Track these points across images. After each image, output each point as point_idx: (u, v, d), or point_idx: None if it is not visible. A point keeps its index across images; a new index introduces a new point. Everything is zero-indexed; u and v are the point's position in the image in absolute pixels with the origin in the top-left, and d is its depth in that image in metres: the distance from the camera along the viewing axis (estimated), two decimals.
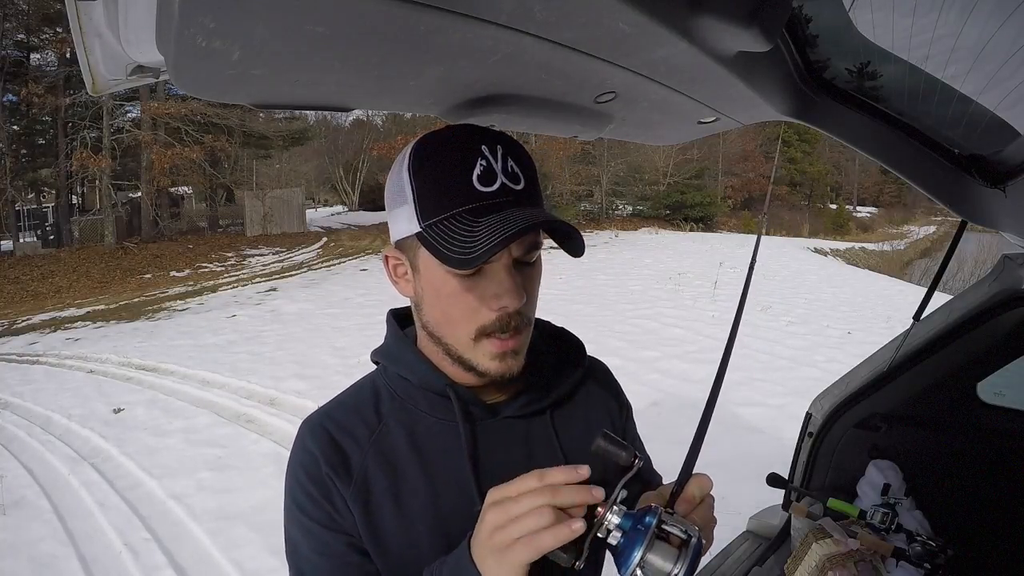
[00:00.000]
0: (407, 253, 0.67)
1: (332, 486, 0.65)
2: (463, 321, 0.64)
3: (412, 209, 0.62)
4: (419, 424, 0.69)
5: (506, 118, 0.78)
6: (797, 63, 0.97)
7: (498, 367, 0.65)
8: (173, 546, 3.21)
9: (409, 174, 0.63)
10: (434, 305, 0.65)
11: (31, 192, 19.68)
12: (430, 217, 0.61)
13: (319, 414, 0.71)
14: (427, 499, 0.67)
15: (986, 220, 1.24)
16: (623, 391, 0.85)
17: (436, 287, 0.64)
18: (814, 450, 1.92)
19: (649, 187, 25.09)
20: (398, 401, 0.71)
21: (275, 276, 13.36)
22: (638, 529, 0.53)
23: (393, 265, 0.69)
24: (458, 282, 0.62)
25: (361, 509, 0.65)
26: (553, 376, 0.75)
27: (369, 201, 32.14)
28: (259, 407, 5.22)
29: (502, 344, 0.64)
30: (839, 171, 39.49)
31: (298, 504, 0.67)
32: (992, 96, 0.83)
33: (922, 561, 1.37)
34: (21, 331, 9.66)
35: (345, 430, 0.68)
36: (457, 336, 0.65)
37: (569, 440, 0.74)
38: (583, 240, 0.64)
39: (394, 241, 0.68)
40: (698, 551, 0.54)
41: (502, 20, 0.50)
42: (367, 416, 0.70)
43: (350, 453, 0.67)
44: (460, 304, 0.63)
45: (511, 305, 0.62)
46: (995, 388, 1.76)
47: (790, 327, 7.63)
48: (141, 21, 0.55)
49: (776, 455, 3.36)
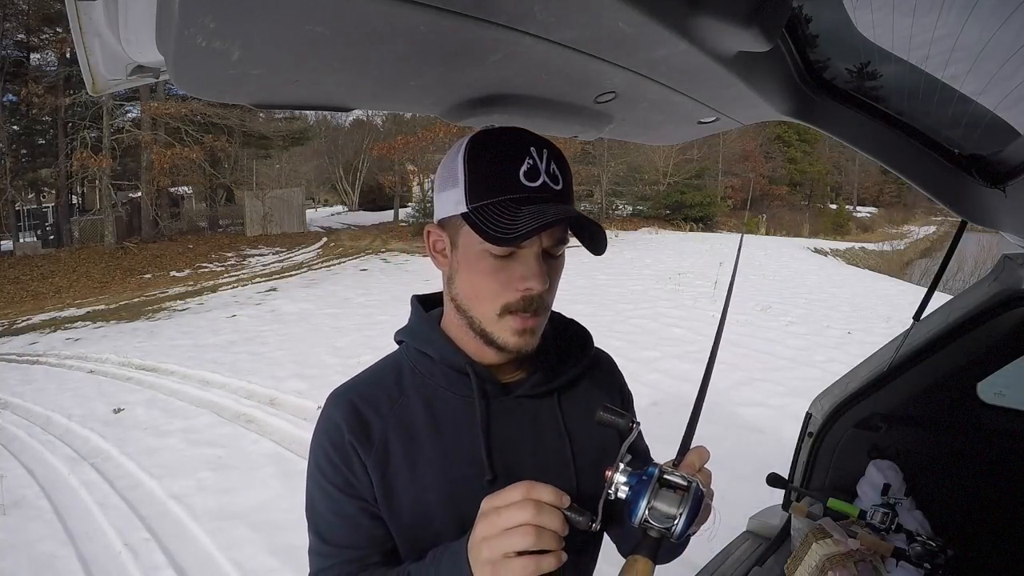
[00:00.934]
0: (448, 231, 0.73)
1: (353, 453, 0.72)
2: (491, 297, 0.70)
3: (462, 192, 0.69)
4: (437, 398, 0.76)
5: (506, 118, 0.78)
6: (797, 63, 0.96)
7: (516, 342, 0.71)
8: (173, 546, 3.21)
9: (463, 162, 0.69)
10: (467, 279, 0.72)
11: (31, 192, 19.68)
12: (477, 200, 0.68)
13: (345, 387, 0.78)
14: (440, 467, 0.73)
15: (986, 220, 1.24)
16: (626, 382, 0.92)
17: (472, 263, 0.70)
18: (814, 450, 1.92)
19: (649, 187, 25.08)
20: (419, 376, 0.77)
21: (275, 276, 13.36)
22: (643, 481, 0.59)
23: (433, 241, 0.76)
24: (492, 261, 0.69)
25: (380, 474, 0.72)
26: (561, 361, 0.81)
27: (369, 201, 32.13)
28: (259, 407, 5.22)
29: (523, 322, 0.71)
30: (839, 171, 39.46)
31: (320, 468, 0.74)
32: (992, 96, 0.83)
33: (922, 561, 1.37)
34: (21, 331, 9.66)
35: (368, 401, 0.75)
36: (483, 310, 0.71)
37: (573, 421, 0.80)
38: (607, 240, 0.71)
39: (437, 219, 0.75)
40: (698, 496, 0.59)
41: (502, 20, 0.50)
42: (389, 389, 0.77)
43: (372, 422, 0.74)
44: (491, 281, 0.70)
45: (536, 288, 0.69)
46: (995, 388, 1.76)
47: (790, 327, 7.63)
48: (141, 21, 0.55)
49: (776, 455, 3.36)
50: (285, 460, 4.14)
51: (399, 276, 12.50)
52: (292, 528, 3.26)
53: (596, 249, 0.72)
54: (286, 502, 3.57)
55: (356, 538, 0.73)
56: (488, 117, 0.76)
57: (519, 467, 0.75)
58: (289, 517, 3.37)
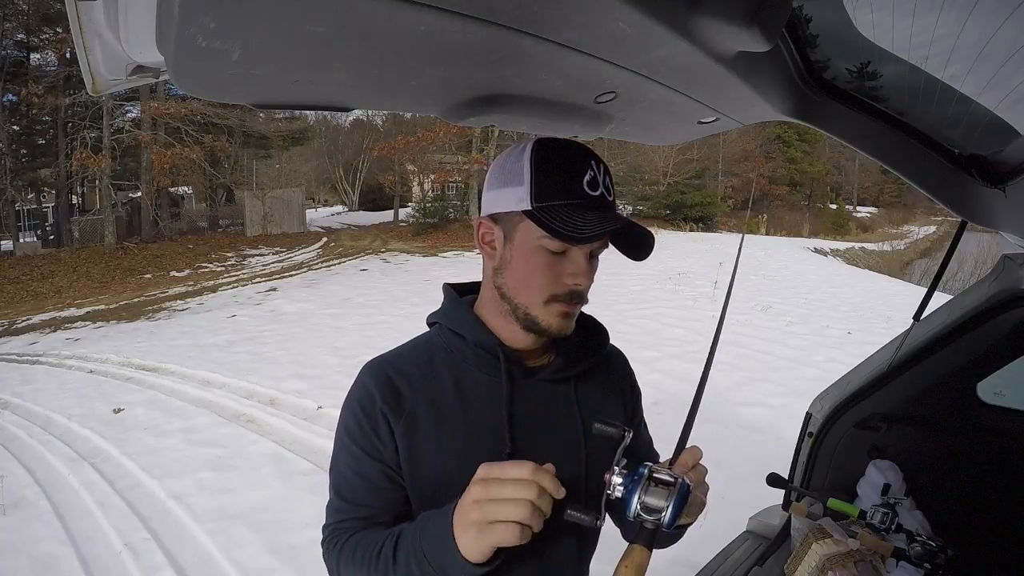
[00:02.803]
0: (503, 224, 0.80)
1: (383, 420, 0.78)
2: (541, 287, 0.78)
3: (526, 191, 0.76)
4: (466, 376, 0.82)
5: (506, 118, 0.78)
6: (797, 63, 0.97)
7: (559, 324, 0.80)
8: (173, 546, 3.21)
9: (531, 164, 0.76)
10: (519, 269, 0.79)
11: (31, 192, 19.67)
12: (544, 200, 0.75)
13: (381, 359, 0.84)
14: (464, 438, 0.79)
15: (986, 220, 1.24)
16: (636, 380, 1.00)
17: (527, 255, 0.78)
18: (814, 450, 1.92)
19: (649, 187, 25.07)
20: (451, 355, 0.84)
21: (275, 276, 13.36)
22: (635, 480, 0.68)
23: (483, 232, 0.82)
24: (547, 256, 0.77)
25: (407, 442, 0.78)
26: (581, 351, 0.88)
27: (369, 201, 32.12)
28: (259, 407, 5.22)
29: (568, 307, 0.79)
30: (839, 171, 39.43)
31: (348, 430, 0.80)
32: (992, 96, 0.83)
33: (922, 561, 1.37)
34: (21, 331, 9.66)
35: (402, 374, 0.81)
36: (532, 297, 0.79)
37: (586, 407, 0.87)
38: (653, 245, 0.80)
39: (489, 213, 0.81)
40: (684, 491, 0.67)
41: (502, 20, 0.50)
42: (422, 365, 0.83)
43: (404, 394, 0.80)
44: (545, 273, 0.77)
45: (583, 284, 0.78)
46: (995, 388, 1.76)
47: (790, 327, 7.63)
48: (141, 21, 0.55)
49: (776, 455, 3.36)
50: (285, 460, 4.14)
51: (399, 276, 12.50)
52: (292, 528, 3.26)
53: (639, 256, 0.81)
54: (286, 502, 3.57)
55: (373, 498, 0.79)
56: (488, 117, 0.76)
57: (535, 444, 0.81)
58: (289, 517, 3.38)
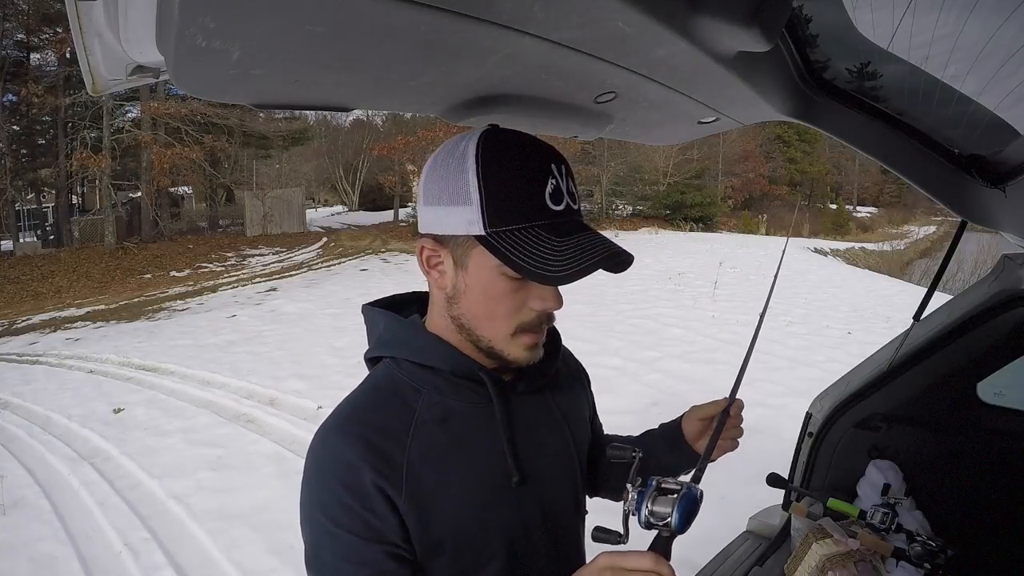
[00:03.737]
0: (452, 249, 0.68)
1: (378, 494, 0.65)
2: (505, 318, 0.69)
3: (477, 212, 0.64)
4: (449, 412, 0.72)
5: (506, 118, 0.78)
6: (797, 63, 0.97)
7: (527, 356, 0.72)
8: (173, 546, 3.21)
9: (477, 177, 0.64)
10: (477, 302, 0.69)
11: (31, 192, 19.68)
12: (500, 225, 0.64)
13: (346, 420, 0.70)
14: (472, 483, 0.70)
15: (986, 220, 1.24)
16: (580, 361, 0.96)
17: (485, 285, 0.67)
18: (814, 450, 1.92)
19: (649, 187, 25.06)
20: (423, 393, 0.72)
21: (275, 276, 13.36)
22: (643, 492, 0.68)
23: (427, 256, 0.71)
24: (508, 284, 0.67)
25: (413, 511, 0.66)
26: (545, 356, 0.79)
27: (369, 201, 32.11)
28: (259, 407, 5.22)
29: (535, 337, 0.71)
30: (839, 171, 39.39)
31: (328, 514, 0.65)
32: (992, 96, 0.83)
33: (922, 561, 1.37)
34: (21, 331, 9.66)
35: (381, 432, 0.68)
36: (496, 330, 0.69)
37: (562, 407, 0.83)
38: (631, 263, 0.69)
39: (434, 234, 0.69)
40: (690, 496, 0.66)
41: (502, 20, 0.50)
42: (398, 413, 0.70)
43: (393, 455, 0.67)
44: (506, 304, 0.68)
45: (554, 308, 0.70)
46: (995, 388, 1.76)
47: (790, 327, 7.63)
48: (141, 21, 0.55)
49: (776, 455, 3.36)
50: (285, 460, 4.14)
51: (399, 276, 12.49)
52: (292, 528, 3.23)
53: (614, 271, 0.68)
54: (286, 502, 3.56)
55: None
56: (488, 117, 0.76)
57: (537, 462, 0.76)
58: (289, 517, 3.36)
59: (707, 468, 0.76)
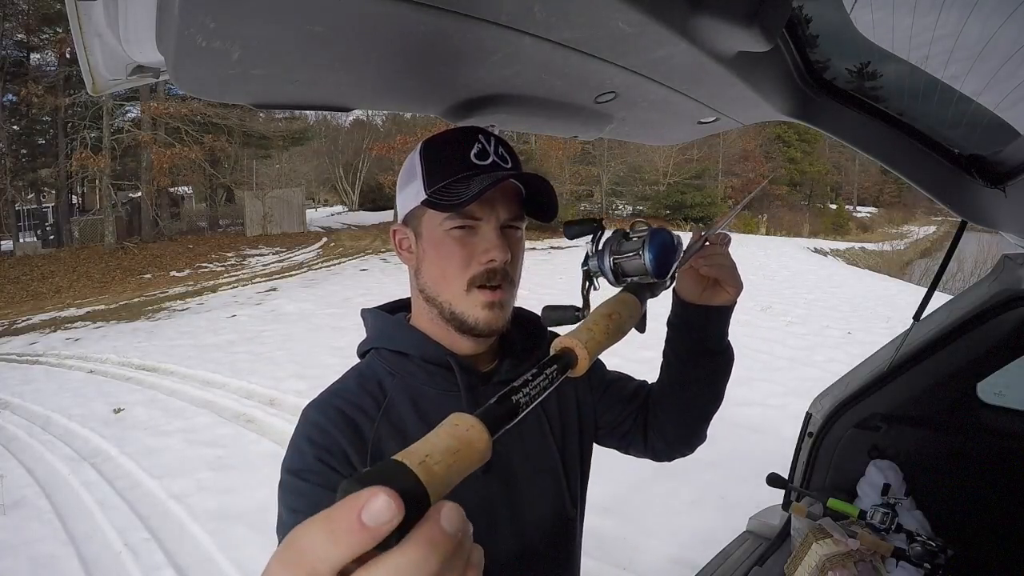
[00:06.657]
0: (412, 224, 0.76)
1: (341, 456, 0.69)
2: (457, 273, 0.73)
3: (420, 183, 0.73)
4: (421, 396, 0.76)
5: (506, 118, 0.78)
6: (797, 63, 0.97)
7: (486, 316, 0.73)
8: (173, 546, 3.21)
9: (420, 158, 0.74)
10: (433, 262, 0.74)
11: (31, 192, 19.67)
12: (434, 184, 0.72)
13: (324, 396, 0.75)
14: None
15: (986, 220, 1.24)
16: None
17: (436, 245, 0.73)
18: (814, 450, 1.92)
19: (649, 187, 25.07)
20: (398, 377, 0.77)
21: (275, 276, 13.35)
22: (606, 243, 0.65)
23: (399, 239, 0.79)
24: (455, 239, 0.72)
25: None
26: (525, 346, 0.84)
27: (369, 201, 32.09)
28: (259, 407, 5.21)
29: (491, 295, 0.73)
30: (839, 171, 39.38)
31: (294, 470, 0.68)
32: (992, 96, 0.83)
33: (922, 561, 1.37)
34: (21, 331, 9.66)
35: (354, 405, 0.73)
36: (452, 289, 0.73)
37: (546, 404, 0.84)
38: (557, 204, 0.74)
39: (402, 218, 0.78)
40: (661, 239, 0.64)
41: (502, 20, 0.50)
42: (373, 392, 0.75)
43: (362, 425, 0.72)
44: (455, 257, 0.72)
45: (498, 259, 0.72)
46: (995, 388, 1.76)
47: (790, 327, 7.62)
48: (141, 21, 0.55)
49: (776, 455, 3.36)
50: None
51: (399, 276, 12.48)
52: None
53: (543, 215, 0.75)
54: None
55: None
56: (488, 117, 0.76)
57: (508, 451, 0.77)
58: None
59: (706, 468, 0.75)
